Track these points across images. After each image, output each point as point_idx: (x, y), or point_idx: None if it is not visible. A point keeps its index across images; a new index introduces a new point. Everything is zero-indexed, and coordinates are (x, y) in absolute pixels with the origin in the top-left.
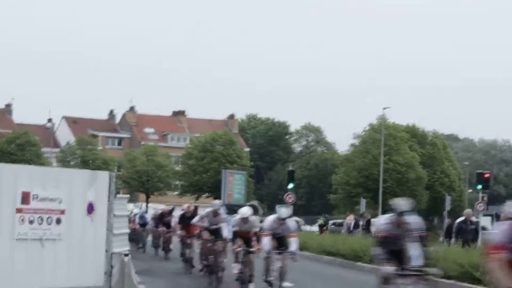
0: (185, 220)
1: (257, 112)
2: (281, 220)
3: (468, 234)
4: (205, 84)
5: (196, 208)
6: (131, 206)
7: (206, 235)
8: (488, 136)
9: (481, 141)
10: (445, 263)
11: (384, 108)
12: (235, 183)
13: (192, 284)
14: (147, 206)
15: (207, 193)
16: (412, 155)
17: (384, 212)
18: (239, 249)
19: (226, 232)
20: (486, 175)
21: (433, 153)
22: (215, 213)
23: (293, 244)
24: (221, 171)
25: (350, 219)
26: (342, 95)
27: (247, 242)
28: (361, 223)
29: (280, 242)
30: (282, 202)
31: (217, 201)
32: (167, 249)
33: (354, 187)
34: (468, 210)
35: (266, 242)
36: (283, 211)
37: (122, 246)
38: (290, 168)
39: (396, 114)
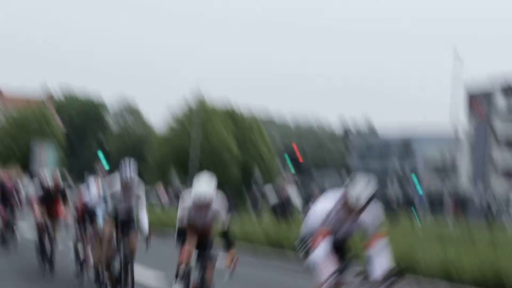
0: (50, 196)
1: (74, 90)
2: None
3: (281, 207)
4: (24, 58)
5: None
6: None
7: (108, 227)
8: (302, 117)
9: (296, 126)
10: (254, 235)
11: (200, 86)
12: (46, 155)
13: None
14: None
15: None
16: (227, 136)
17: None
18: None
19: (145, 219)
20: (297, 154)
21: (248, 135)
22: (127, 187)
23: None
24: (31, 142)
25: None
26: (155, 70)
27: (203, 243)
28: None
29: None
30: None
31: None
32: (7, 239)
33: (169, 167)
34: (284, 185)
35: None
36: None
37: None
38: (104, 146)
39: (215, 92)
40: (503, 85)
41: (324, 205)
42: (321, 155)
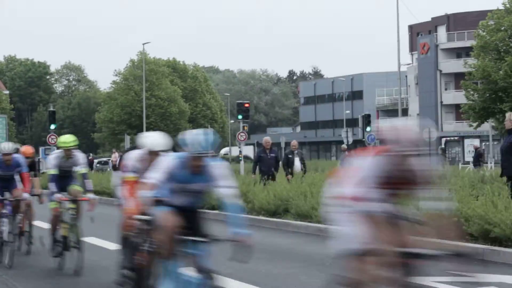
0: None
1: (15, 53)
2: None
3: (268, 162)
4: None
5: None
6: None
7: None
8: (246, 67)
9: (240, 72)
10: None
11: (144, 43)
12: None
13: None
14: None
15: None
16: (173, 89)
17: None
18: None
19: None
20: (246, 105)
21: (194, 86)
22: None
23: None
24: None
25: (115, 156)
26: (102, 33)
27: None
28: None
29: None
30: (46, 144)
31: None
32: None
33: (118, 124)
34: (267, 138)
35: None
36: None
37: None
38: (52, 108)
39: (157, 48)
40: (445, 21)
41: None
42: (269, 102)
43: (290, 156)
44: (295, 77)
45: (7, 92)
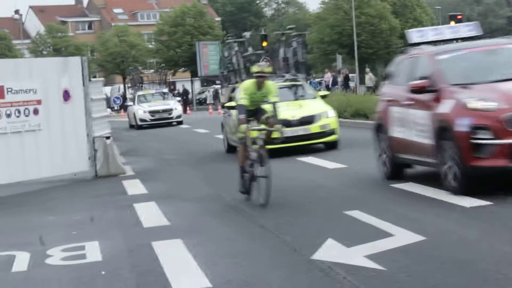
0: None
1: None
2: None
3: None
4: None
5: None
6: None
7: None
8: None
9: None
10: None
11: None
12: (209, 54)
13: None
14: (125, 88)
15: (183, 68)
16: (383, 6)
17: (361, 66)
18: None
19: None
20: (459, 17)
21: (404, 1)
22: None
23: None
24: (194, 44)
25: (328, 76)
26: None
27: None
28: (339, 79)
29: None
30: None
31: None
32: None
33: (329, 45)
34: None
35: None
36: None
37: (103, 129)
38: (263, 32)
39: None
40: None
41: None
42: (481, 12)
43: None
44: None
45: (219, 18)
